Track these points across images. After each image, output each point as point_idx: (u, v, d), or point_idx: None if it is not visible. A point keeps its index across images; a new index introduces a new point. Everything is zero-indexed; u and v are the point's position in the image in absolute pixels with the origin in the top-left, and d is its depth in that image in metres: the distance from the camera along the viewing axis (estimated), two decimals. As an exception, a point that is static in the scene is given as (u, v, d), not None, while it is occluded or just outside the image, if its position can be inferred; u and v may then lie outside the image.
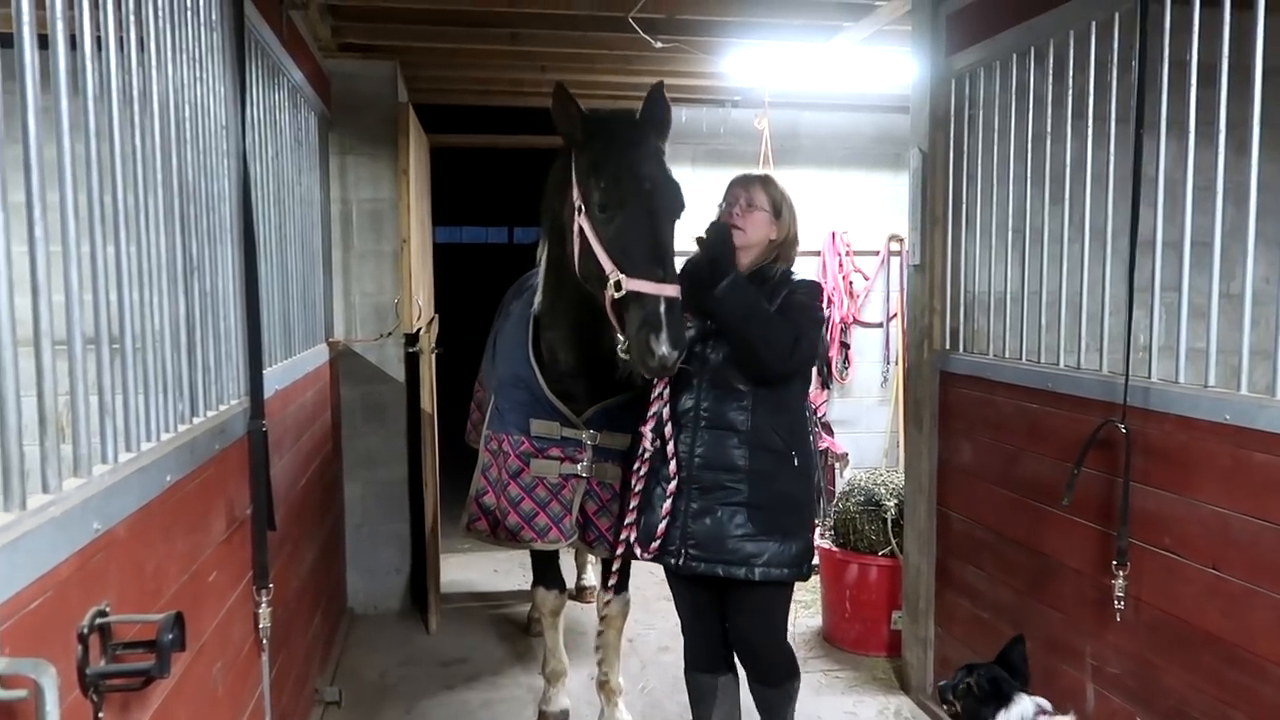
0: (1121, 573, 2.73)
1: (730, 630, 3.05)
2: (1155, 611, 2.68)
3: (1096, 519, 2.91)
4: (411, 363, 5.07)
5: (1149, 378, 2.75)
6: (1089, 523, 2.94)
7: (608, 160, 2.95)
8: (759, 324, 2.82)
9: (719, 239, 2.93)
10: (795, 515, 2.94)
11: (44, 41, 1.49)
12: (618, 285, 2.85)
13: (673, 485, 2.96)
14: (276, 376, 3.19)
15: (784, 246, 3.01)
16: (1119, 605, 2.74)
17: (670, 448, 2.97)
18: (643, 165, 2.94)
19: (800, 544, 2.93)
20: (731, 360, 2.90)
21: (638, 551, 3.08)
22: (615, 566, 3.33)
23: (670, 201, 2.95)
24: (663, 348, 2.75)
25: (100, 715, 1.49)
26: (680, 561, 2.95)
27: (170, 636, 1.51)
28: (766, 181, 3.04)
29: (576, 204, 2.99)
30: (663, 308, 2.78)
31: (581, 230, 2.99)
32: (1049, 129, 3.22)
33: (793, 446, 2.92)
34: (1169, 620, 2.64)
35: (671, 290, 2.80)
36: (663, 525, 2.98)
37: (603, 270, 2.92)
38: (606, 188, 2.91)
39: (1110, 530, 2.83)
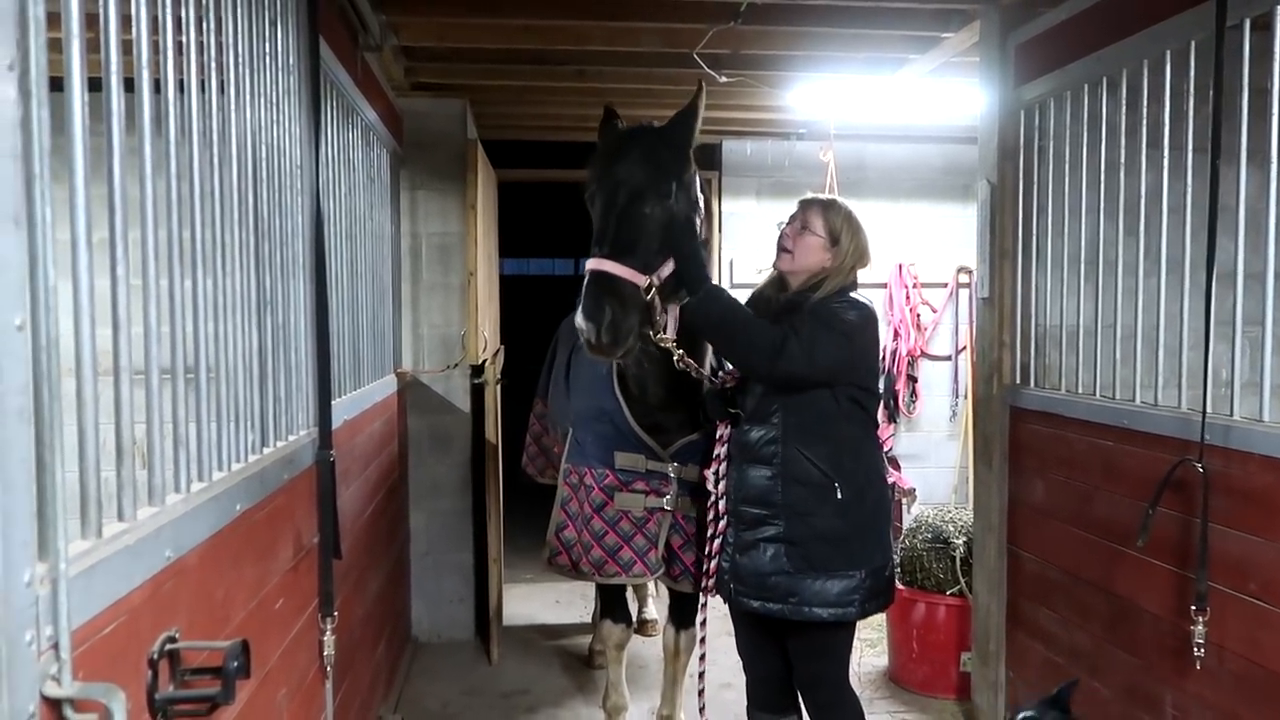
0: (1201, 618, 2.59)
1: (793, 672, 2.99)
2: (1240, 660, 2.56)
3: (1175, 562, 2.79)
4: (477, 393, 5.13)
5: (1231, 415, 2.65)
6: (1168, 566, 2.82)
7: (593, 167, 3.04)
8: (736, 328, 2.76)
9: (681, 252, 2.88)
10: (839, 551, 2.77)
11: (130, 85, 1.56)
12: None
13: (723, 523, 2.94)
14: (345, 407, 3.25)
15: (830, 276, 2.86)
16: (1198, 652, 2.60)
17: (721, 486, 2.95)
18: (612, 160, 2.98)
19: (844, 582, 2.77)
20: (769, 393, 2.84)
21: (705, 585, 3.06)
22: (702, 601, 3.25)
23: (628, 184, 2.90)
24: (577, 318, 2.75)
25: (168, 740, 1.52)
26: (729, 597, 2.93)
27: (235, 664, 1.54)
28: (829, 207, 2.93)
29: None
30: (586, 280, 2.78)
31: None
32: (1122, 159, 3.15)
33: (837, 478, 2.77)
34: (1254, 669, 2.51)
35: (602, 264, 2.78)
36: (713, 562, 2.97)
37: None
38: (586, 190, 3.01)
39: (1190, 573, 2.72)
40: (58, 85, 1.30)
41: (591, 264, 2.82)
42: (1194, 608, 2.61)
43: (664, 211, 2.93)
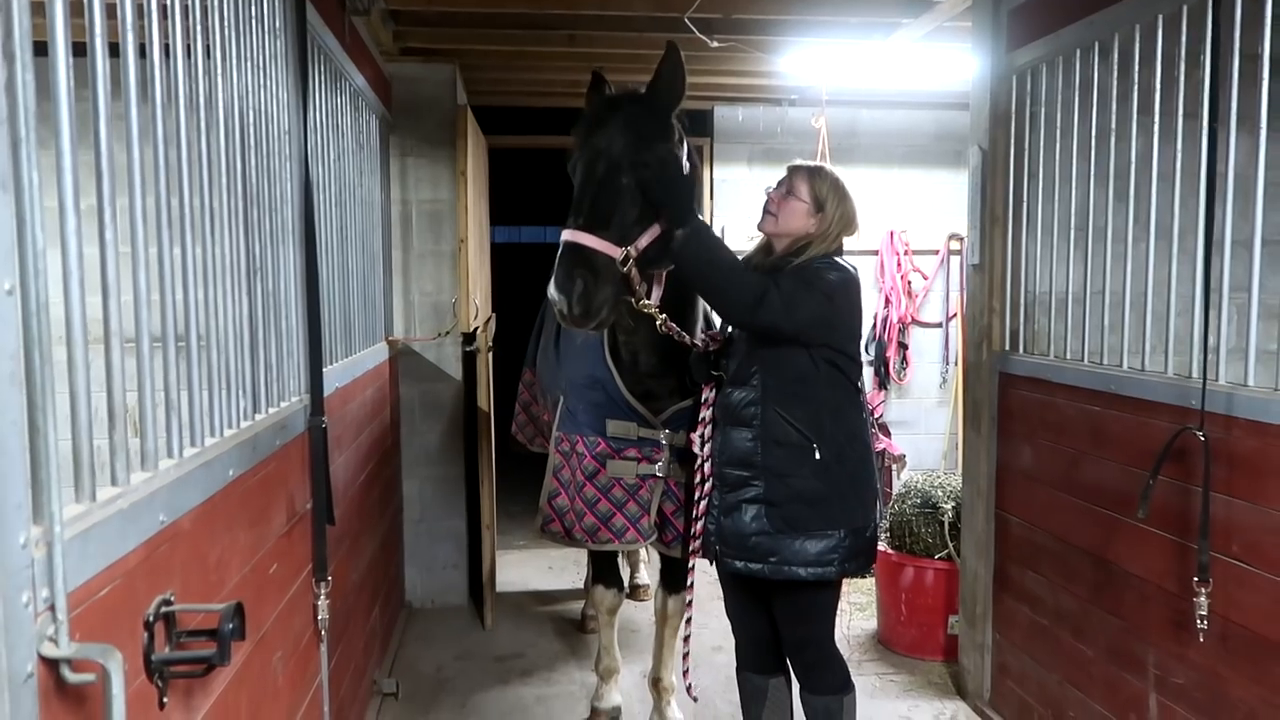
0: (1204, 590, 2.58)
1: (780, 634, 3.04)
2: (1224, 622, 2.60)
3: (1164, 527, 2.83)
4: (469, 361, 5.14)
5: (1217, 380, 2.67)
6: (1157, 530, 2.86)
7: (576, 135, 3.01)
8: (719, 274, 2.76)
9: (669, 189, 2.86)
10: (817, 512, 2.79)
11: (115, 50, 1.54)
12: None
13: (709, 485, 2.97)
14: (337, 374, 3.26)
15: (815, 242, 2.86)
16: (1201, 625, 2.59)
17: (707, 449, 2.98)
18: (596, 129, 2.95)
19: (823, 542, 2.78)
20: (749, 355, 2.86)
21: (691, 547, 3.10)
22: (690, 565, 3.26)
23: (607, 153, 2.88)
24: (549, 289, 2.76)
25: (164, 700, 1.54)
26: (714, 558, 2.97)
27: (231, 626, 1.56)
28: (815, 173, 2.92)
29: None
30: (559, 252, 2.78)
31: None
32: (1114, 125, 3.15)
33: (815, 439, 2.77)
34: (1238, 631, 2.56)
35: (575, 235, 2.78)
36: (700, 524, 3.01)
37: None
38: (571, 163, 2.99)
39: (1180, 538, 2.75)
40: (42, 50, 1.29)
41: (565, 235, 2.81)
42: (1196, 579, 2.61)
43: (642, 181, 2.90)
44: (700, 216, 2.92)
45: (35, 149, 1.19)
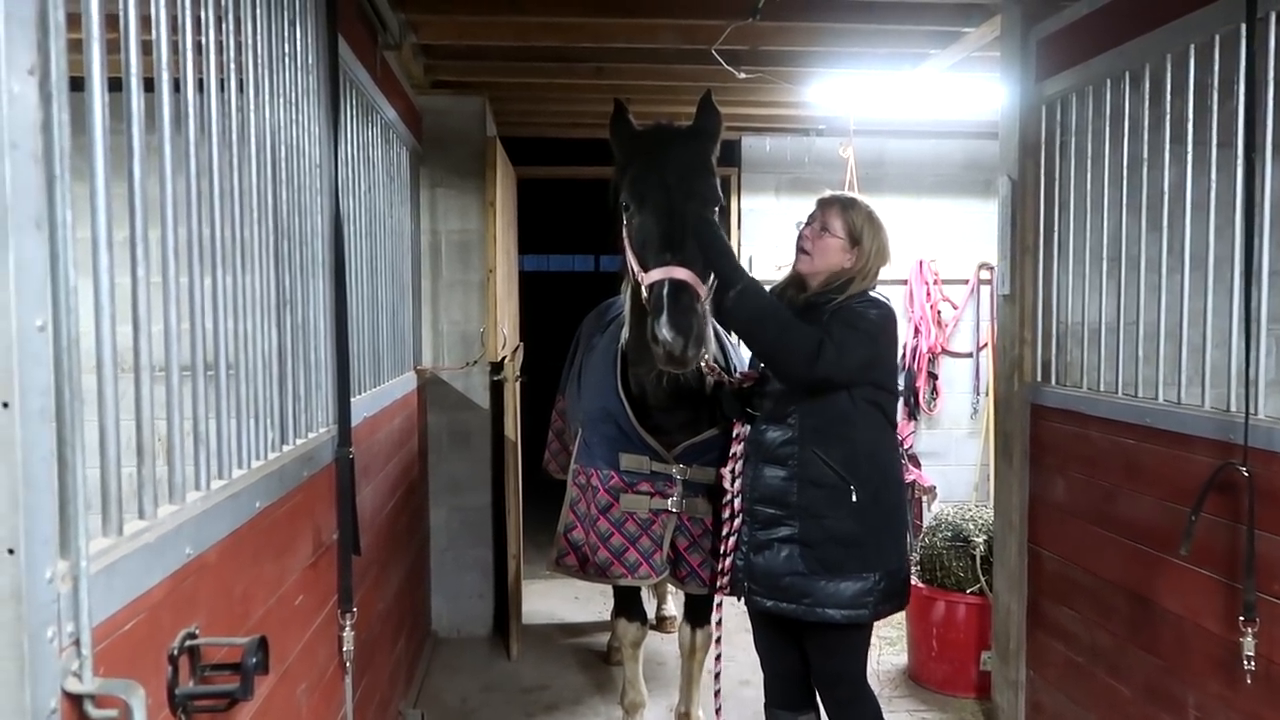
0: (1250, 630, 2.51)
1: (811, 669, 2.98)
2: (1268, 663, 2.53)
3: (1206, 564, 2.75)
4: (496, 390, 5.14)
5: (1256, 414, 2.61)
6: (1197, 568, 2.79)
7: (633, 164, 2.97)
8: (774, 330, 2.68)
9: (714, 248, 2.81)
10: (852, 554, 2.75)
11: (149, 85, 1.57)
12: (640, 286, 2.82)
13: (738, 521, 2.93)
14: (365, 404, 3.27)
15: (855, 278, 2.83)
16: (1249, 666, 2.51)
17: (737, 484, 2.94)
18: (662, 161, 2.90)
19: (859, 584, 2.75)
20: (787, 394, 2.81)
21: (720, 583, 3.05)
22: (717, 600, 3.21)
23: (688, 189, 2.85)
24: (662, 330, 2.64)
25: (188, 735, 1.53)
26: (743, 596, 2.92)
27: (254, 660, 1.55)
28: (848, 205, 2.88)
29: (622, 219, 3.00)
30: (666, 290, 2.69)
31: (622, 243, 3.00)
32: (1146, 154, 3.11)
33: (852, 481, 2.73)
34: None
35: (679, 272, 2.70)
36: (728, 560, 2.96)
37: (634, 277, 2.90)
38: (630, 190, 2.93)
39: (1222, 577, 2.68)
40: (78, 85, 1.31)
41: (667, 273, 2.72)
42: (1242, 619, 2.54)
43: (714, 217, 2.92)
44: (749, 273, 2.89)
45: (69, 187, 1.20)
